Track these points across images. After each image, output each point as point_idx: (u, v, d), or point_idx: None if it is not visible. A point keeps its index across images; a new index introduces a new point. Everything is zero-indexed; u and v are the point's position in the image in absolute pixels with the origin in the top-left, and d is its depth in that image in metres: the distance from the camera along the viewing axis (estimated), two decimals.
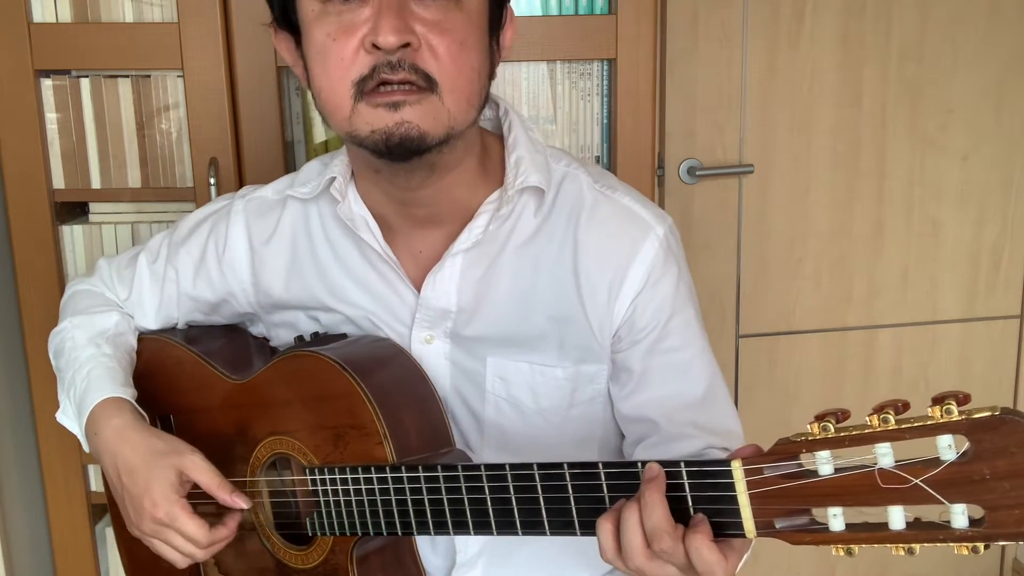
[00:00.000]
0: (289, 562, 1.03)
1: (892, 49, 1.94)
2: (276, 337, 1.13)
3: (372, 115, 0.88)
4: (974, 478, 0.64)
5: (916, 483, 0.66)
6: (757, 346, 2.05)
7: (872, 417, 0.67)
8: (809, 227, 2.01)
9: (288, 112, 1.54)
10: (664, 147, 1.92)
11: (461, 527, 0.88)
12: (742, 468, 0.73)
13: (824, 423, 0.69)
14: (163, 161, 1.49)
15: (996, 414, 0.63)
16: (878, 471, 0.67)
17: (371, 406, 0.92)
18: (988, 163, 2.03)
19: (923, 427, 0.65)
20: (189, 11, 1.43)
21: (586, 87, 1.53)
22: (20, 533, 1.61)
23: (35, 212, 1.48)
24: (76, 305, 1.15)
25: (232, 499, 0.96)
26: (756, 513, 0.73)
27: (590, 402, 1.04)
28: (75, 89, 1.47)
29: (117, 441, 1.00)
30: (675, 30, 1.88)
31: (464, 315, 1.01)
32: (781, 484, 0.71)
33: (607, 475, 0.80)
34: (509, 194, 0.98)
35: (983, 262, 2.08)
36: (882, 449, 0.67)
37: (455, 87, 0.88)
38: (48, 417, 1.53)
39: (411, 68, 0.86)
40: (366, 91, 0.87)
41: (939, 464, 0.65)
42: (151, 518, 0.96)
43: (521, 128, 1.02)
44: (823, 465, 0.69)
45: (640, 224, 1.01)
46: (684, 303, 1.02)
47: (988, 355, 2.13)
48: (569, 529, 0.83)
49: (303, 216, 1.08)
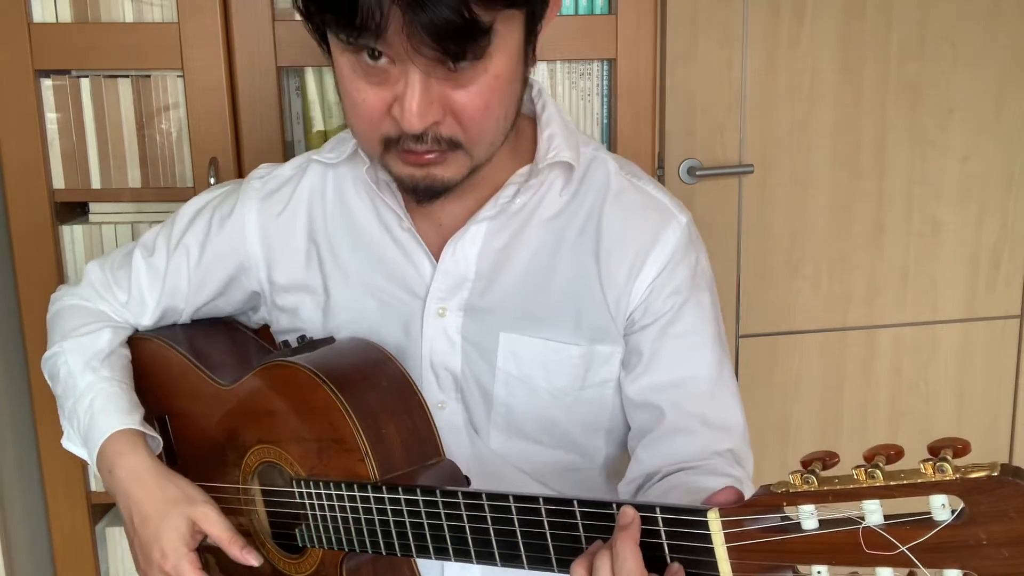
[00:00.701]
0: (284, 570, 1.02)
1: (892, 49, 1.94)
2: (276, 321, 1.12)
3: (401, 168, 0.92)
4: (969, 543, 0.59)
5: (903, 550, 0.61)
6: (757, 346, 2.05)
7: (859, 471, 0.62)
8: (809, 227, 2.01)
9: (288, 112, 1.54)
10: (664, 147, 1.92)
11: (442, 553, 0.87)
12: (719, 520, 0.69)
13: (807, 475, 0.64)
14: (163, 161, 1.49)
15: (994, 475, 0.58)
16: (863, 531, 0.62)
17: (351, 422, 0.90)
18: (988, 163, 2.03)
19: (912, 485, 0.60)
20: (189, 11, 1.43)
21: (586, 87, 1.53)
22: (20, 533, 1.61)
23: (35, 212, 1.48)
24: (64, 325, 1.12)
25: (243, 555, 0.96)
26: (735, 567, 0.69)
27: (602, 385, 1.04)
28: (75, 89, 1.47)
29: (131, 483, 1.00)
30: (675, 30, 1.88)
31: (481, 282, 1.01)
32: (762, 538, 0.67)
33: (582, 514, 0.77)
34: (540, 167, 1.00)
35: (983, 262, 2.08)
36: (870, 506, 0.62)
37: (479, 141, 0.91)
38: (48, 417, 1.53)
39: (434, 140, 0.88)
40: (393, 148, 0.90)
41: (931, 527, 0.60)
42: (159, 568, 0.97)
43: (555, 109, 1.04)
44: (807, 520, 0.65)
45: (664, 211, 1.03)
46: (700, 289, 1.03)
47: (988, 355, 2.13)
48: (547, 566, 0.81)
49: (321, 181, 1.08)
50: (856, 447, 2.43)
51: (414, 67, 0.83)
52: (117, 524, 1.61)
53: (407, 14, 0.78)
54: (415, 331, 1.03)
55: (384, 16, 0.79)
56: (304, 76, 1.53)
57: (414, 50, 0.81)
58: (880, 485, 0.61)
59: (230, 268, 1.11)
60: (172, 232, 1.12)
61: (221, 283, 1.12)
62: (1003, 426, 2.16)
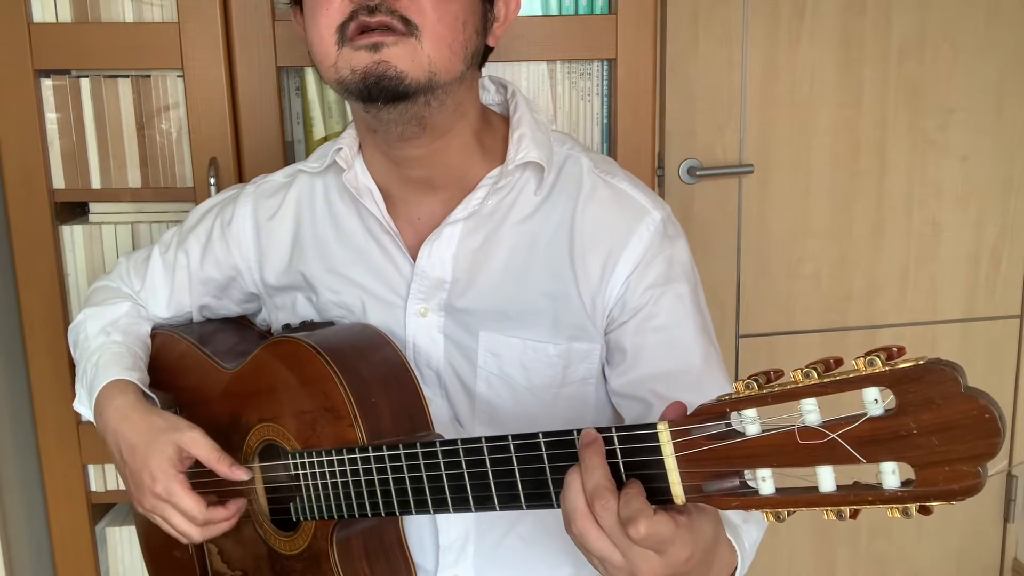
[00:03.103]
0: (279, 548, 1.04)
1: (892, 49, 1.94)
2: (277, 322, 1.15)
3: (353, 57, 0.91)
4: (900, 433, 0.59)
5: (833, 438, 0.61)
6: (757, 346, 2.05)
7: (796, 372, 0.63)
8: (809, 227, 2.01)
9: (288, 112, 1.54)
10: (664, 147, 1.92)
11: (421, 506, 0.88)
12: (668, 430, 0.70)
13: (749, 382, 0.65)
14: (163, 161, 1.49)
15: (921, 363, 0.58)
16: (799, 429, 0.62)
17: (342, 388, 0.93)
18: (988, 163, 2.03)
19: (845, 380, 0.60)
20: (189, 11, 1.43)
21: (586, 87, 1.53)
22: (20, 533, 1.61)
23: (35, 212, 1.48)
24: (92, 299, 1.21)
25: (232, 471, 0.98)
26: (684, 477, 0.70)
27: (582, 382, 1.05)
28: (75, 89, 1.47)
29: (118, 420, 1.03)
30: (675, 30, 1.88)
31: (459, 286, 1.03)
32: (708, 445, 0.68)
33: (547, 444, 0.79)
34: (509, 168, 1.01)
35: (983, 262, 2.08)
36: (807, 406, 0.63)
37: (435, 32, 0.90)
38: (48, 417, 1.53)
39: (388, 11, 0.89)
40: (347, 36, 0.90)
41: (860, 419, 0.60)
42: (151, 492, 0.99)
43: (527, 109, 1.05)
44: (749, 425, 0.65)
45: (636, 208, 1.03)
46: (678, 281, 1.02)
47: (988, 355, 2.13)
48: (515, 503, 0.82)
49: (309, 189, 1.12)
50: None
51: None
52: (117, 524, 1.61)
53: None
54: (398, 330, 1.05)
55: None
56: (304, 76, 1.53)
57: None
58: (815, 383, 0.62)
59: (228, 271, 1.17)
60: (182, 231, 1.20)
61: (220, 285, 1.18)
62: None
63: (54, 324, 1.49)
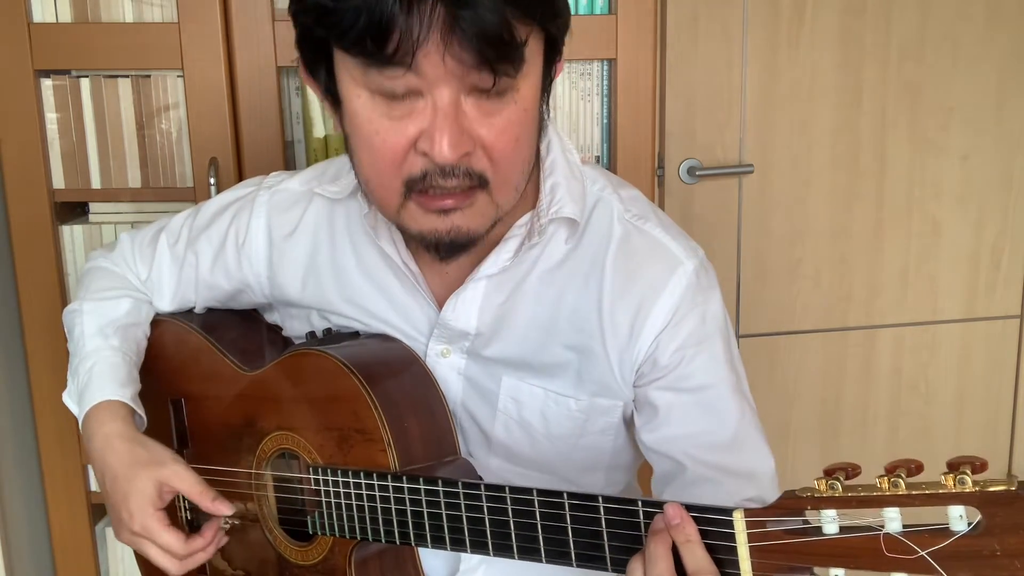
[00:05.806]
0: (289, 557, 1.03)
1: (892, 49, 1.94)
2: (290, 328, 1.13)
3: (423, 218, 0.86)
4: (983, 553, 0.62)
5: (922, 555, 0.64)
6: (757, 346, 2.05)
7: (882, 480, 0.65)
8: (809, 227, 2.01)
9: (288, 112, 1.54)
10: (664, 147, 1.92)
11: (458, 544, 0.88)
12: (744, 520, 0.72)
13: (832, 481, 0.67)
14: (163, 161, 1.49)
15: (1012, 489, 0.61)
16: (884, 537, 0.65)
17: (377, 412, 0.92)
18: (988, 163, 2.03)
19: (934, 495, 0.63)
20: (189, 11, 1.43)
21: (586, 87, 1.53)
22: (20, 533, 1.61)
23: (35, 212, 1.48)
24: (91, 284, 1.15)
25: (215, 506, 0.97)
26: (756, 567, 0.71)
27: (601, 434, 1.02)
28: (75, 89, 1.47)
29: (104, 449, 1.01)
30: (675, 30, 1.88)
31: (483, 338, 1.00)
32: (784, 540, 0.69)
33: (606, 510, 0.79)
34: (542, 223, 0.95)
35: (983, 262, 2.08)
36: (890, 513, 0.65)
37: (506, 180, 0.86)
38: (48, 417, 1.53)
39: (465, 174, 0.83)
40: (416, 191, 0.84)
41: (948, 536, 0.63)
42: (127, 529, 0.98)
43: (560, 151, 0.98)
44: (828, 524, 0.67)
45: (668, 259, 0.97)
46: (711, 339, 0.97)
47: (988, 355, 2.13)
48: (565, 559, 0.82)
49: (328, 215, 1.05)
50: (856, 447, 2.44)
51: (446, 91, 0.79)
52: None
53: (447, 22, 0.74)
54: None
55: (421, 32, 0.75)
56: None
57: (448, 72, 0.77)
58: (902, 494, 0.64)
59: (237, 284, 1.12)
60: (194, 226, 1.14)
61: (228, 293, 1.14)
62: (1003, 426, 2.16)
63: (54, 324, 1.49)
